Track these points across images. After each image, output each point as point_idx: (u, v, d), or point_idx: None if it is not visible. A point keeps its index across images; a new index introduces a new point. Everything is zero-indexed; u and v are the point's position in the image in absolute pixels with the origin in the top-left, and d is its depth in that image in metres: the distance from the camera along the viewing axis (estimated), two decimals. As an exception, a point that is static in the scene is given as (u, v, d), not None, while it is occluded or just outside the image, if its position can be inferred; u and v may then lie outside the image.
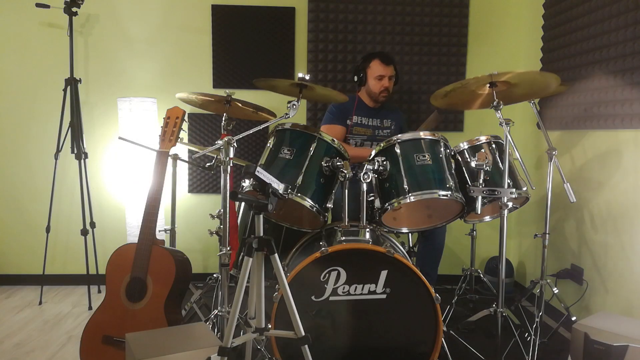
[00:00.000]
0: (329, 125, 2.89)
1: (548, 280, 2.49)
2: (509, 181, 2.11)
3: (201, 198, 3.50)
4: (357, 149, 2.90)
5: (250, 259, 1.67)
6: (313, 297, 1.95)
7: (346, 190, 2.05)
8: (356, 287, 1.95)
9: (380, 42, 3.39)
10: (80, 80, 3.11)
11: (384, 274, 1.94)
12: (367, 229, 2.06)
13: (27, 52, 3.32)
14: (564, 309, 2.53)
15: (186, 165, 3.42)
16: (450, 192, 2.09)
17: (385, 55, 2.88)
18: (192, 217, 3.47)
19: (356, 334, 1.97)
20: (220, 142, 1.99)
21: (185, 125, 2.29)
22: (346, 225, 2.08)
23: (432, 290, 1.93)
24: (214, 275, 2.76)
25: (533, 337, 2.36)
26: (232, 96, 2.46)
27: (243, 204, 2.53)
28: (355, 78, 2.91)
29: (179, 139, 2.26)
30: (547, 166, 2.41)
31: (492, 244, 3.53)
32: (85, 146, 3.11)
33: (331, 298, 1.95)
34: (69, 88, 3.05)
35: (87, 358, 2.08)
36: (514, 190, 2.08)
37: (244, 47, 3.38)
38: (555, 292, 2.47)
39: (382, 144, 2.20)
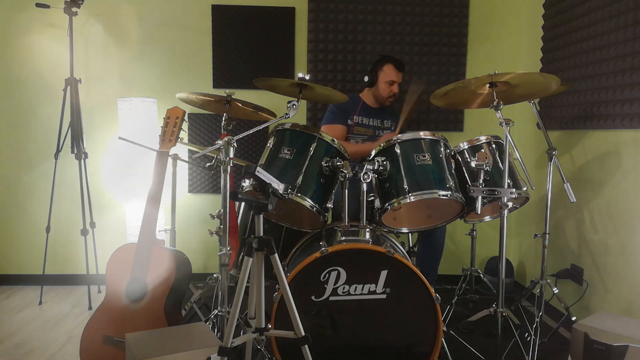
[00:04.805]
0: (329, 125, 2.89)
1: (548, 280, 2.49)
2: (509, 181, 2.11)
3: (201, 198, 3.50)
4: (360, 144, 2.89)
5: (250, 259, 1.67)
6: (313, 297, 1.94)
7: (346, 190, 2.05)
8: (356, 287, 1.95)
9: (381, 42, 3.39)
10: (80, 80, 3.10)
11: (384, 274, 1.94)
12: (367, 229, 2.06)
13: (27, 52, 3.32)
14: (564, 309, 2.53)
15: (186, 165, 3.42)
16: (450, 192, 2.09)
17: (400, 62, 2.88)
18: (192, 217, 3.47)
19: (356, 334, 1.97)
20: (220, 142, 1.99)
21: (185, 125, 2.28)
22: (346, 225, 2.07)
23: (432, 290, 1.93)
24: (214, 275, 2.76)
25: (533, 337, 2.36)
26: (232, 96, 2.46)
27: (243, 204, 2.53)
28: (366, 78, 2.90)
29: (179, 139, 2.26)
30: (547, 166, 2.41)
31: (492, 244, 3.52)
32: (85, 146, 3.10)
33: (331, 298, 1.95)
34: (69, 88, 3.05)
35: (87, 358, 2.08)
36: (514, 190, 2.08)
37: (244, 47, 3.38)
38: (555, 292, 2.47)
39: (382, 144, 2.20)
